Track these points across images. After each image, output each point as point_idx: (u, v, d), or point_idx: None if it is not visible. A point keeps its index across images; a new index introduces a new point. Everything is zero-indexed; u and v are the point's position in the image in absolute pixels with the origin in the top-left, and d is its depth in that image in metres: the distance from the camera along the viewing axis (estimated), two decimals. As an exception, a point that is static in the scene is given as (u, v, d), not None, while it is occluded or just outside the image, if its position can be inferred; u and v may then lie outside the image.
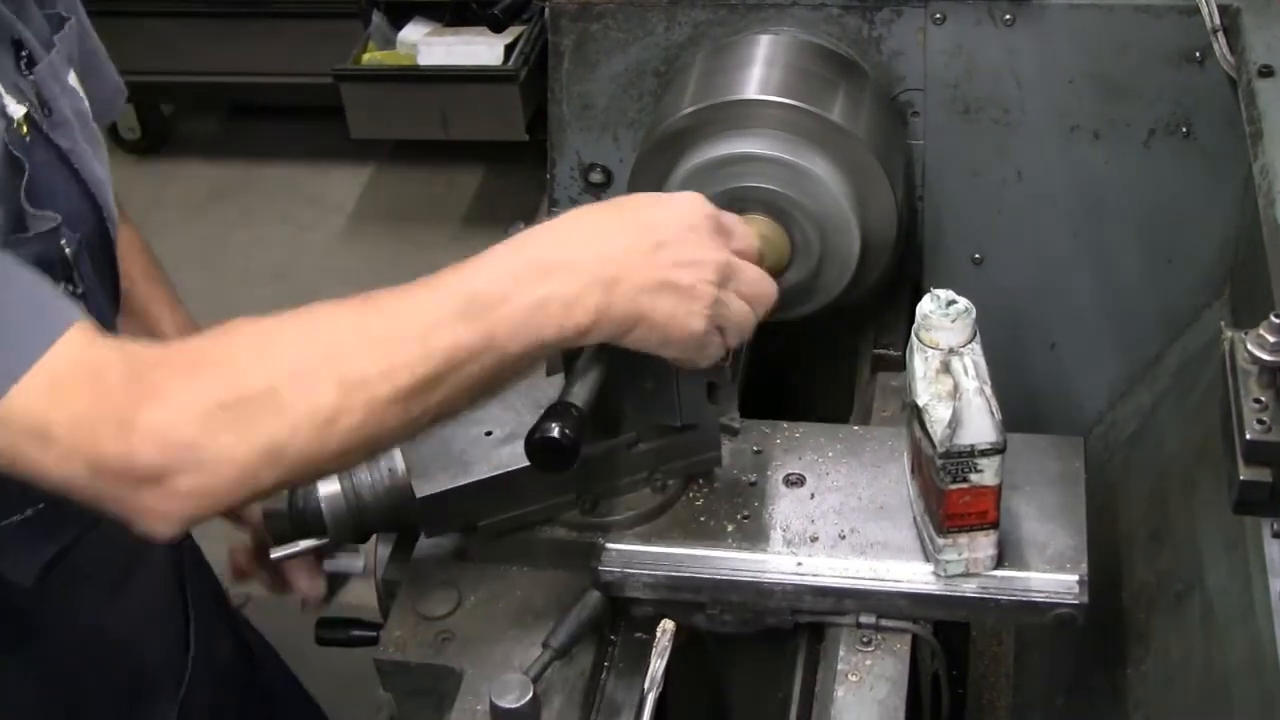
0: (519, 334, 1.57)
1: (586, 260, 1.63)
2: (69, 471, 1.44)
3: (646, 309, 1.64)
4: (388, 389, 1.51)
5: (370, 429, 1.52)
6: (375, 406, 1.51)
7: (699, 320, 1.68)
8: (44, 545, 1.83)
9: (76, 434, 1.43)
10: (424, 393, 1.54)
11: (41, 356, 1.43)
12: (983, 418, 1.71)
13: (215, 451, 1.45)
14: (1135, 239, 2.53)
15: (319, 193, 5.83)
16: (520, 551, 1.96)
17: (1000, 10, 2.38)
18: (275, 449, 1.47)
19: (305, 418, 1.49)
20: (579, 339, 1.64)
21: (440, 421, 1.61)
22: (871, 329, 2.61)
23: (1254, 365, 1.53)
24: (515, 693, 1.69)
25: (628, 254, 1.65)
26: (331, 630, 2.14)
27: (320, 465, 1.55)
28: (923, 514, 1.87)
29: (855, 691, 1.77)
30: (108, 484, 1.45)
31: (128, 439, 1.42)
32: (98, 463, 1.43)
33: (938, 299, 1.78)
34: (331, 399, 1.49)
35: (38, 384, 1.42)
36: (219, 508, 1.50)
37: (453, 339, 1.54)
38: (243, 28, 5.79)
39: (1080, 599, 1.81)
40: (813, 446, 2.06)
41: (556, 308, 1.59)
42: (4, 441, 1.43)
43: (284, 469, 1.50)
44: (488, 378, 1.59)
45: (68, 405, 1.43)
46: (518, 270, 1.60)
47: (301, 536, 1.91)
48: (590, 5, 2.51)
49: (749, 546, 1.91)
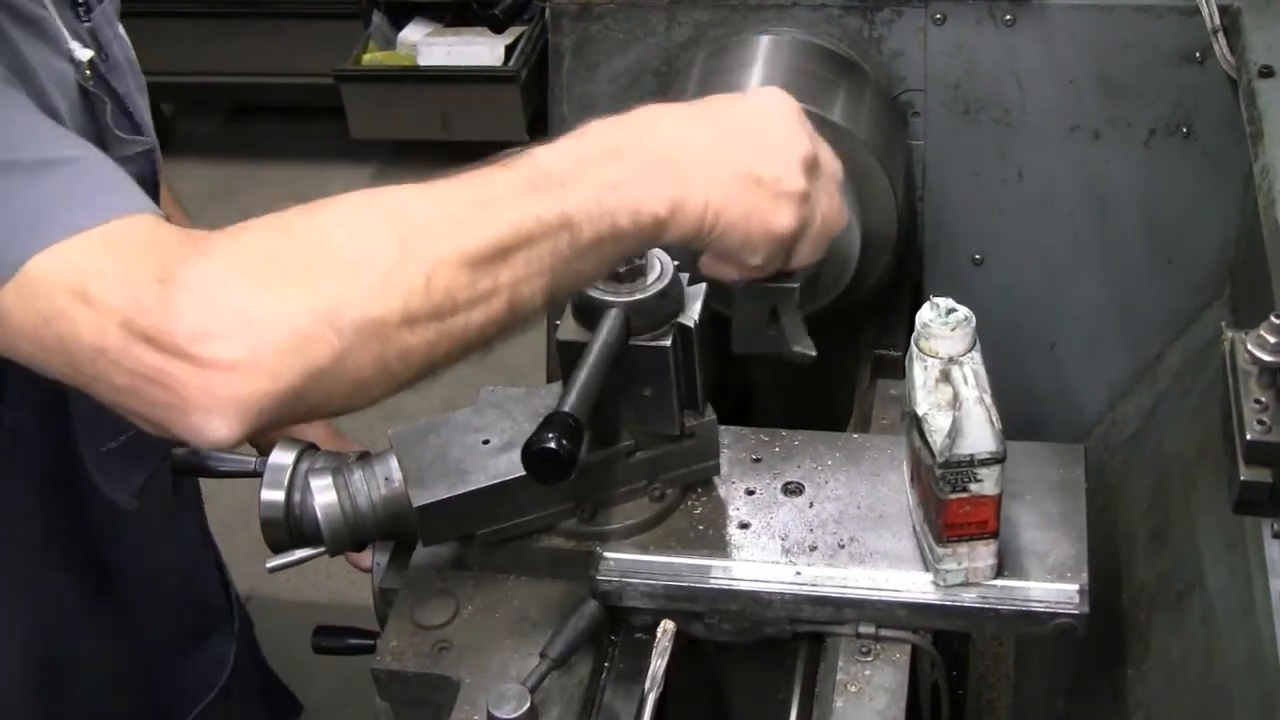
0: (592, 216, 1.45)
1: (659, 148, 1.51)
2: (102, 334, 1.30)
3: (726, 203, 1.53)
4: (453, 249, 1.38)
5: (436, 297, 1.37)
6: (440, 269, 1.36)
7: (787, 216, 1.57)
8: (135, 470, 1.91)
9: (114, 289, 1.30)
10: (492, 263, 1.40)
11: (108, 221, 1.34)
12: (982, 427, 1.70)
13: (263, 309, 1.30)
14: (1136, 239, 2.53)
15: (319, 193, 5.65)
16: (518, 561, 1.95)
17: (1001, 10, 2.38)
18: (331, 307, 1.32)
19: (364, 269, 1.34)
20: (656, 234, 1.52)
21: (512, 320, 1.46)
22: (872, 330, 2.60)
23: (1254, 365, 1.52)
24: (513, 703, 1.68)
25: (706, 146, 1.53)
26: (329, 639, 2.14)
27: (384, 339, 1.36)
28: (922, 523, 1.86)
29: (854, 702, 1.76)
30: (142, 351, 1.29)
31: (166, 294, 1.29)
32: (131, 321, 1.29)
33: (937, 307, 1.77)
34: (392, 253, 1.35)
35: (92, 242, 1.33)
36: (270, 395, 1.31)
37: (522, 209, 1.42)
38: (243, 28, 5.79)
39: (1081, 609, 1.80)
40: (811, 455, 2.05)
41: (629, 192, 1.47)
42: (44, 298, 1.32)
43: (343, 336, 1.32)
44: (560, 265, 1.46)
45: (114, 264, 1.32)
46: (585, 153, 1.49)
47: (298, 546, 1.91)
48: (591, 6, 2.51)
49: (747, 556, 1.90)
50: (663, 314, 1.82)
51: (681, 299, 1.86)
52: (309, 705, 2.83)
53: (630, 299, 1.79)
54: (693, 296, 1.88)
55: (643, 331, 1.81)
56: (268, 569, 1.91)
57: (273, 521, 1.90)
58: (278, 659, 2.73)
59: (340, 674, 3.17)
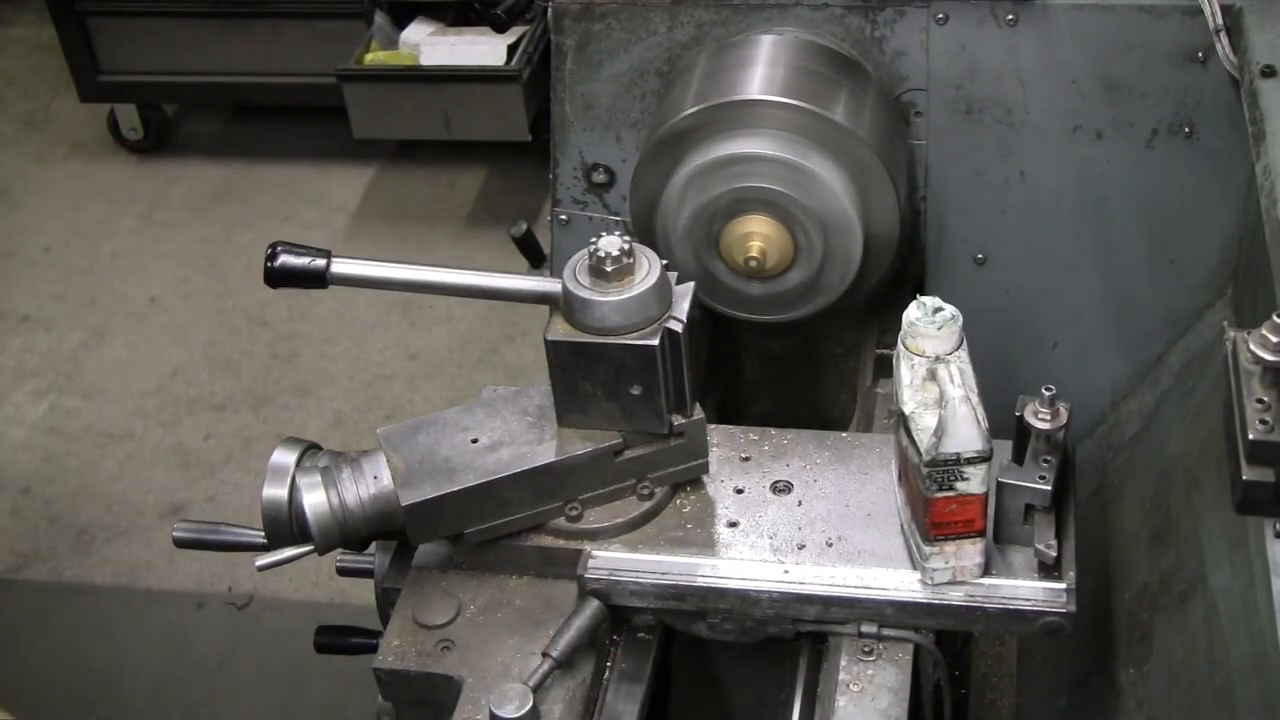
0: None
1: None
2: None
3: None
4: None
5: None
6: None
7: None
8: None
9: None
10: None
11: None
12: (969, 426, 1.70)
13: None
14: (1138, 239, 2.53)
15: (321, 193, 5.83)
16: (506, 559, 1.95)
17: (1003, 10, 2.37)
18: None
19: None
20: None
21: None
22: (874, 330, 2.60)
23: (1257, 365, 1.53)
24: (515, 702, 1.68)
25: None
26: (331, 638, 2.14)
27: None
28: (909, 522, 1.86)
29: (857, 701, 1.76)
30: None
31: None
32: None
33: (924, 306, 1.77)
34: None
35: None
36: None
37: None
38: (246, 28, 5.78)
39: (1068, 607, 1.80)
40: (800, 453, 2.05)
41: None
42: None
43: None
44: None
45: None
46: None
47: (289, 544, 1.91)
48: (593, 5, 2.51)
49: (736, 554, 1.91)
50: (650, 313, 1.83)
51: (669, 298, 1.86)
52: (310, 705, 2.83)
53: (618, 298, 1.79)
54: (681, 295, 1.88)
55: (629, 330, 1.82)
56: (256, 568, 1.91)
57: (275, 519, 1.90)
58: (279, 658, 2.73)
59: (342, 674, 3.18)
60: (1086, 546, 2.14)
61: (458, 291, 1.95)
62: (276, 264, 1.89)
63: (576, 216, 2.70)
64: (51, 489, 4.50)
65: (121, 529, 4.29)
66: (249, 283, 5.32)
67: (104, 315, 5.25)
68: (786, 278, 2.38)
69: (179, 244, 5.62)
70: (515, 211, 5.47)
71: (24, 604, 4.12)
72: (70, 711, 3.79)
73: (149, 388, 4.88)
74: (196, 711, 3.75)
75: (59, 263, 5.57)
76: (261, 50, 5.84)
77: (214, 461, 4.49)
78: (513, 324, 4.94)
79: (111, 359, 5.04)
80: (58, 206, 5.88)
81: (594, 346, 1.85)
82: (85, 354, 5.08)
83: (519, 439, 1.93)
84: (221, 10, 5.76)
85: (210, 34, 5.82)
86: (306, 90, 5.81)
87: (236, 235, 5.59)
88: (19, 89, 6.63)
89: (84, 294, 5.37)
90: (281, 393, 4.80)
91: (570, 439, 1.93)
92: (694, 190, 2.33)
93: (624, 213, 2.62)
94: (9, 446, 4.68)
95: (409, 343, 4.96)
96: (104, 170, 6.07)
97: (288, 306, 5.06)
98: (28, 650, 3.97)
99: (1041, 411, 1.84)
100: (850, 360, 2.71)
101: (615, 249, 1.84)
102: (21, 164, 6.16)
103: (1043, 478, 1.81)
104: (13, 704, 3.55)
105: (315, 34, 5.71)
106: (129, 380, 4.93)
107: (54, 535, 4.33)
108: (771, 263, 2.34)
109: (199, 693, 3.78)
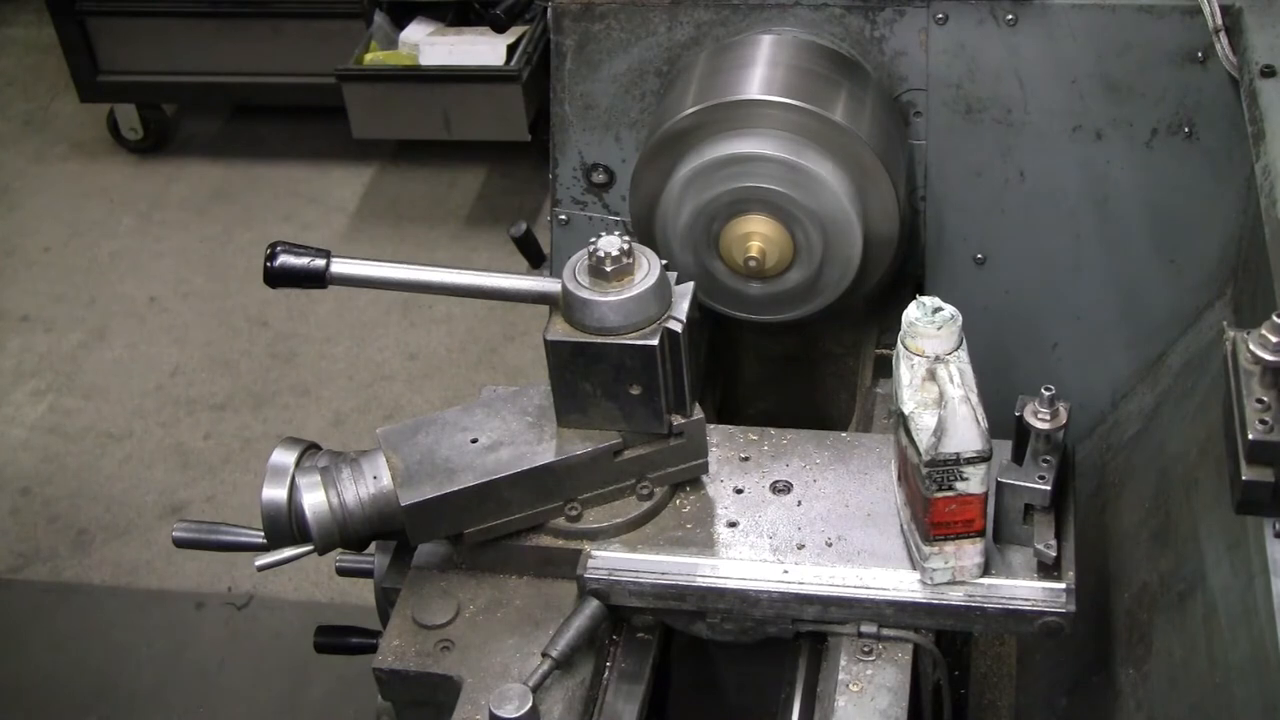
0: None
1: None
2: None
3: None
4: None
5: None
6: None
7: None
8: None
9: None
10: None
11: None
12: (968, 426, 1.70)
13: None
14: (1137, 239, 2.53)
15: (321, 193, 5.83)
16: (506, 559, 1.95)
17: (1003, 10, 2.37)
18: None
19: None
20: None
21: None
22: (874, 330, 2.60)
23: (1256, 365, 1.53)
24: (515, 702, 1.68)
25: None
26: (330, 638, 2.13)
27: None
28: (909, 522, 1.86)
29: (856, 701, 1.76)
30: None
31: None
32: None
33: (923, 306, 1.77)
34: None
35: None
36: None
37: None
38: (245, 28, 5.78)
39: (1068, 607, 1.80)
40: (800, 453, 2.05)
41: None
42: None
43: None
44: None
45: None
46: None
47: (288, 545, 1.91)
48: (592, 5, 2.51)
49: (735, 554, 1.91)
50: (650, 313, 1.82)
51: (669, 298, 1.86)
52: (310, 705, 2.83)
53: (618, 298, 1.79)
54: (680, 296, 1.88)
55: (629, 330, 1.82)
56: (256, 568, 1.91)
57: (274, 519, 1.90)
58: (278, 659, 2.73)
59: (341, 674, 3.18)
60: (1086, 546, 2.15)
61: (457, 291, 1.95)
62: (276, 264, 1.89)
63: (576, 216, 2.71)
64: (51, 489, 4.50)
65: (121, 529, 4.29)
66: (248, 283, 5.32)
67: (103, 315, 5.25)
68: (786, 278, 2.38)
69: (178, 244, 5.61)
70: (515, 211, 5.48)
71: (24, 604, 4.12)
72: (70, 711, 3.79)
73: (148, 387, 4.89)
74: (196, 711, 3.75)
75: (58, 263, 5.57)
76: (261, 50, 5.84)
77: (213, 461, 4.49)
78: (512, 324, 4.94)
79: (111, 359, 5.04)
80: (57, 206, 5.88)
81: (593, 346, 1.85)
82: (85, 354, 5.08)
83: (518, 439, 1.93)
84: (221, 10, 5.76)
85: (210, 34, 5.82)
86: (306, 90, 5.81)
87: (236, 235, 5.59)
88: (19, 89, 6.64)
89: (83, 294, 5.37)
90: (281, 392, 4.80)
91: (570, 439, 1.93)
92: (694, 190, 2.33)
93: (624, 213, 2.62)
94: (9, 446, 4.68)
95: (409, 343, 4.96)
96: (103, 170, 6.07)
97: (287, 306, 5.06)
98: (28, 650, 3.97)
99: (1041, 411, 1.84)
100: (850, 360, 2.71)
101: (615, 249, 1.84)
102: (21, 164, 6.16)
103: (1042, 478, 1.81)
104: (13, 704, 3.55)
105: (315, 34, 5.71)
106: (128, 380, 4.93)
107: (53, 535, 4.33)
108: (771, 263, 2.34)
109: (199, 693, 3.78)
